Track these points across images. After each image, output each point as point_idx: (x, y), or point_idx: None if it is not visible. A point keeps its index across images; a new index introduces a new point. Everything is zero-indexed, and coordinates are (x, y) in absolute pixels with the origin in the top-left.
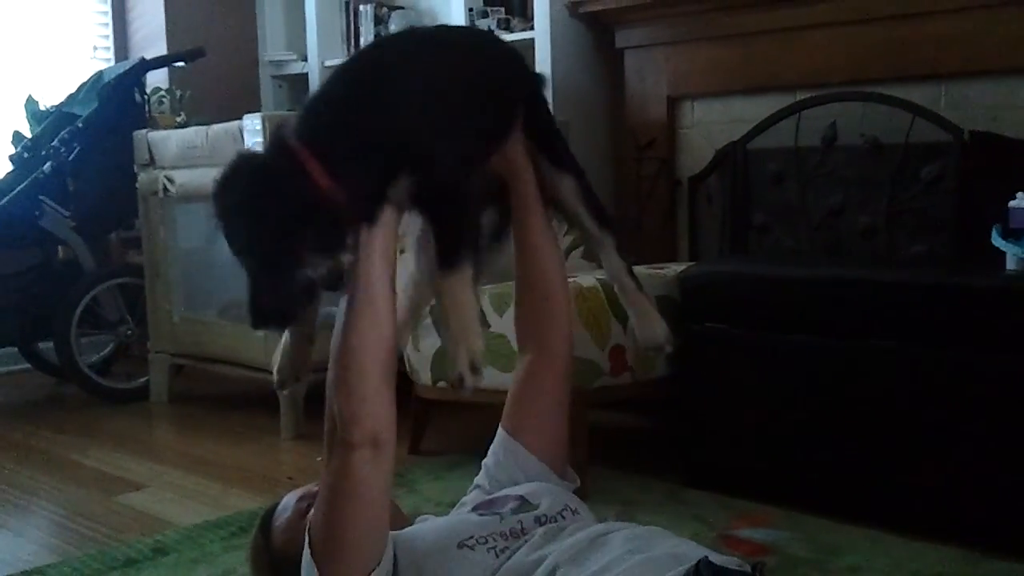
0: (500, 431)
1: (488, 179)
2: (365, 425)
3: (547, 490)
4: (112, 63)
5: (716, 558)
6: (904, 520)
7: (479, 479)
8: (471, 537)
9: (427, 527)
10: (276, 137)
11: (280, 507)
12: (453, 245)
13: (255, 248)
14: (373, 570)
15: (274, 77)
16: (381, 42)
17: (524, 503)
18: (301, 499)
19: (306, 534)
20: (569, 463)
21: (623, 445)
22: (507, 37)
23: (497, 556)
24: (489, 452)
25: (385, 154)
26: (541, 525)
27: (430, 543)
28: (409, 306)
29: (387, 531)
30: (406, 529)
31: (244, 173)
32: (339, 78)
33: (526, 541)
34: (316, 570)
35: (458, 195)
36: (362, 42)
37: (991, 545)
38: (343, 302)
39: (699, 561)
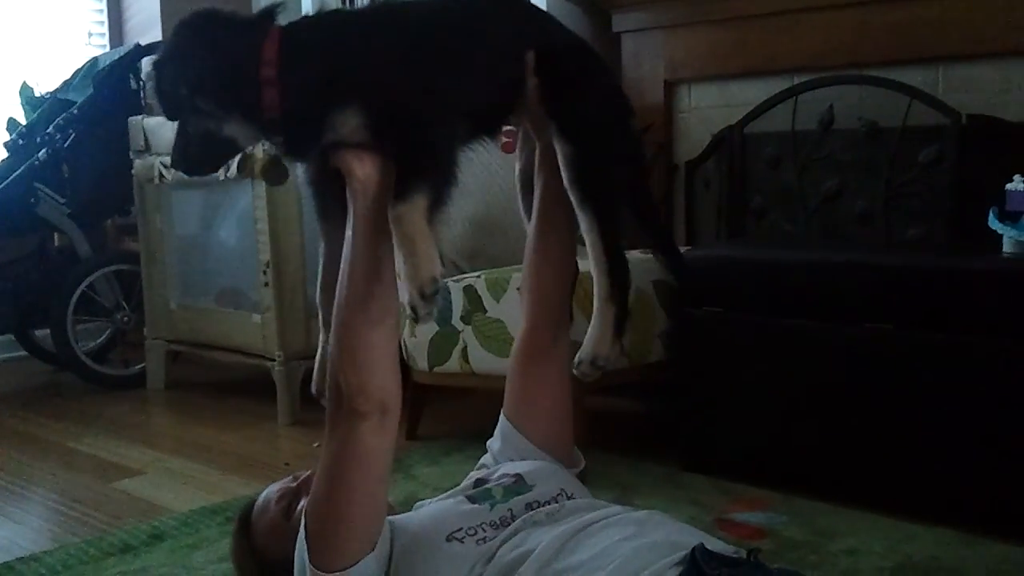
0: (501, 416)
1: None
2: (373, 394)
3: (547, 471)
4: (107, 49)
5: (712, 544)
6: (900, 503)
7: (484, 459)
8: (460, 529)
9: (420, 515)
10: (263, 13)
11: (259, 506)
12: (405, 174)
13: (170, 82)
14: (367, 554)
15: None
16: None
17: (519, 481)
18: (281, 497)
19: (302, 517)
20: (575, 444)
21: (620, 429)
22: None
23: (485, 544)
24: (494, 434)
25: (340, 80)
26: (531, 511)
27: (420, 533)
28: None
29: (384, 514)
30: (401, 515)
31: (209, 17)
32: (348, 12)
33: (515, 532)
34: (308, 554)
35: (414, 126)
36: None
37: (987, 528)
38: (341, 275)
39: (694, 548)
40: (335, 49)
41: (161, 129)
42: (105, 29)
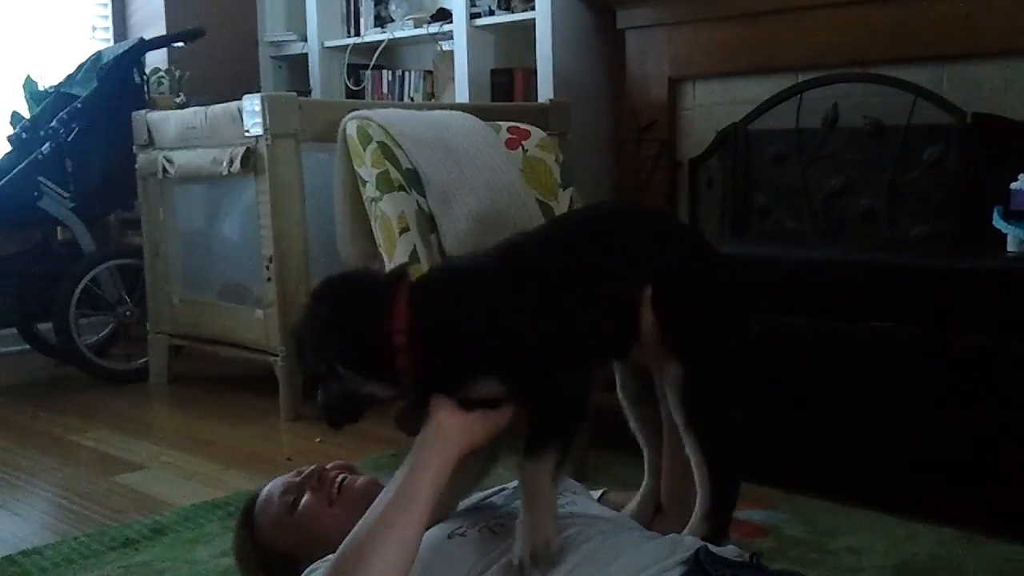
0: (603, 494)
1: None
2: None
3: None
4: (111, 43)
5: (714, 547)
6: (903, 502)
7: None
8: (461, 526)
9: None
10: (396, 273)
11: (262, 499)
12: (540, 435)
13: (310, 353)
14: None
15: (274, 58)
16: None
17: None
18: (285, 492)
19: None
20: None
21: (623, 426)
22: (508, 18)
23: (494, 533)
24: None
25: (470, 349)
26: None
27: (425, 554)
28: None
29: None
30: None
31: (343, 283)
32: (471, 264)
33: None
34: None
35: (550, 393)
36: (362, 23)
37: (989, 528)
38: (384, 492)
39: (698, 548)
40: (463, 314)
41: (165, 123)
42: (109, 23)
